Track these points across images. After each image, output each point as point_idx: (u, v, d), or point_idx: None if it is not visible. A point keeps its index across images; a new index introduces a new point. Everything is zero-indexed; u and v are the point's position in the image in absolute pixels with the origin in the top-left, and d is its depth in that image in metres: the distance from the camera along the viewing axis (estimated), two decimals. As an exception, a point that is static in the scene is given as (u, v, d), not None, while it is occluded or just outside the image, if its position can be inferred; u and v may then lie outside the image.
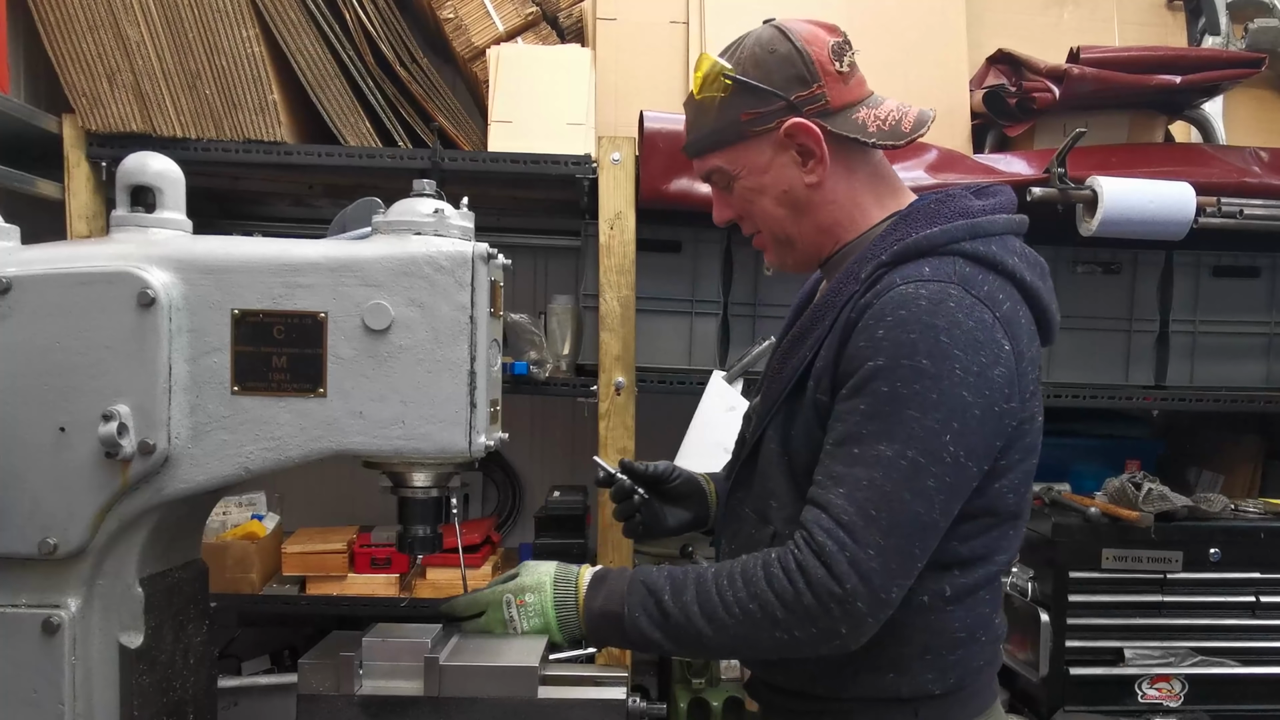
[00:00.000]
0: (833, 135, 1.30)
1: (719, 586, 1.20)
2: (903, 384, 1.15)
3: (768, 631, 1.17)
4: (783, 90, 1.28)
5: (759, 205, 1.35)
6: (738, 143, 1.32)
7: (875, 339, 1.18)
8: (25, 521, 1.22)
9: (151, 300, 1.21)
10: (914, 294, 1.18)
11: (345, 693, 1.44)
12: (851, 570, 1.13)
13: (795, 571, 1.16)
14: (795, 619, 1.16)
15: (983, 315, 1.18)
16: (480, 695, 1.45)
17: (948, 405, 1.15)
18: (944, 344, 1.15)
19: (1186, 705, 2.18)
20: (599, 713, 1.45)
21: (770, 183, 1.33)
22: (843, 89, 1.32)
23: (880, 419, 1.16)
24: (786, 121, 1.29)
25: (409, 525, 1.40)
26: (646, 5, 2.49)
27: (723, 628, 1.19)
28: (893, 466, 1.14)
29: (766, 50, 1.30)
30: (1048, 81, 2.30)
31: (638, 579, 1.27)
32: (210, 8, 2.17)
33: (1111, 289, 2.52)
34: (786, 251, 1.39)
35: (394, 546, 2.01)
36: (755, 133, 1.30)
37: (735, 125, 1.31)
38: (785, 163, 1.31)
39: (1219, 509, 2.26)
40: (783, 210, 1.34)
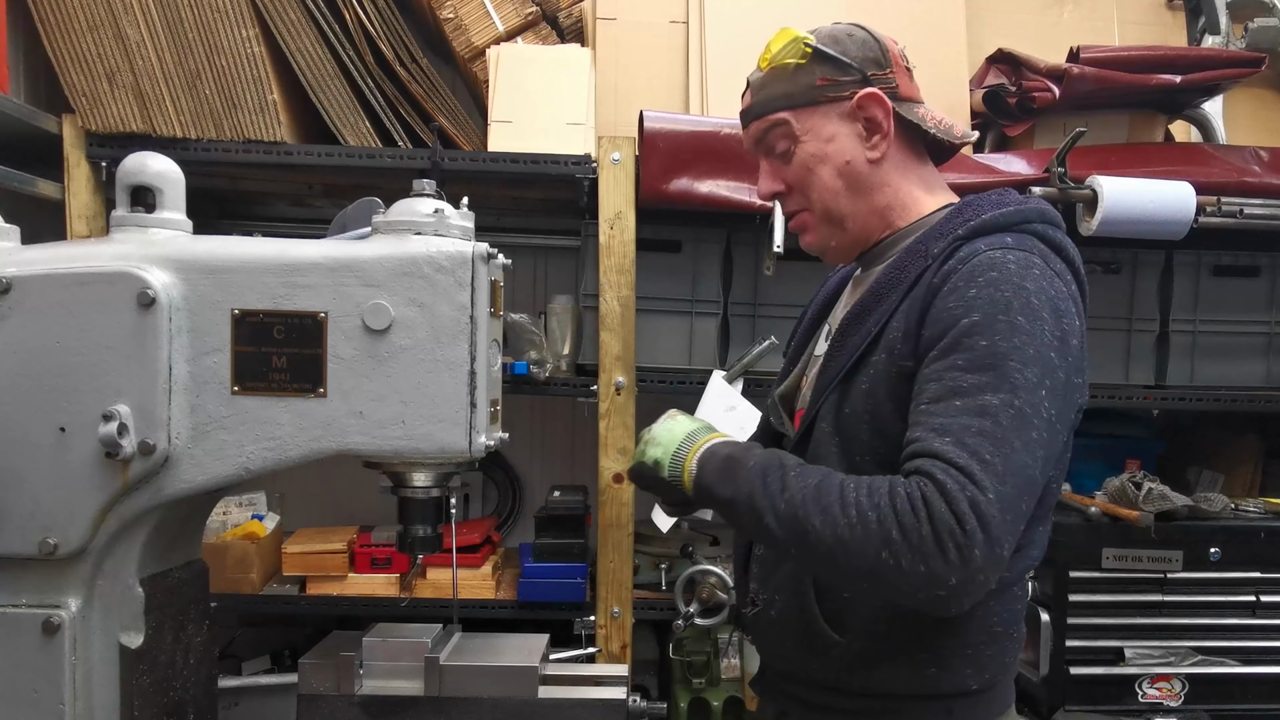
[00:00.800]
0: (899, 117, 1.33)
1: (844, 485, 1.14)
2: (1002, 338, 1.13)
3: (874, 548, 1.09)
4: (860, 66, 1.33)
5: (818, 175, 1.34)
6: (809, 106, 1.33)
7: (968, 298, 1.16)
8: (26, 521, 1.23)
9: (152, 300, 1.21)
10: (1002, 258, 1.18)
11: (345, 692, 1.44)
12: (972, 511, 1.06)
13: (919, 500, 1.08)
14: (907, 547, 1.07)
15: (1062, 287, 1.20)
16: (480, 695, 1.45)
17: (1042, 363, 1.14)
18: (1035, 305, 1.15)
19: (1187, 705, 2.18)
20: (599, 712, 1.45)
21: (834, 151, 1.33)
22: (909, 84, 1.37)
23: (982, 371, 1.13)
24: (860, 92, 1.31)
25: (409, 525, 1.40)
26: (646, 5, 2.49)
27: (833, 523, 1.11)
28: (1001, 414, 1.10)
29: (845, 33, 1.36)
30: (1048, 81, 2.30)
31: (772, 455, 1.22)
32: (210, 8, 2.17)
33: (1111, 288, 2.52)
34: (833, 231, 1.38)
35: (394, 546, 2.01)
36: (828, 98, 1.32)
37: (810, 89, 1.33)
38: (850, 134, 1.33)
39: (1219, 508, 2.26)
40: (841, 183, 1.34)
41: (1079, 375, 1.21)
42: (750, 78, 1.41)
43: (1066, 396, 1.17)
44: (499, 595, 2.37)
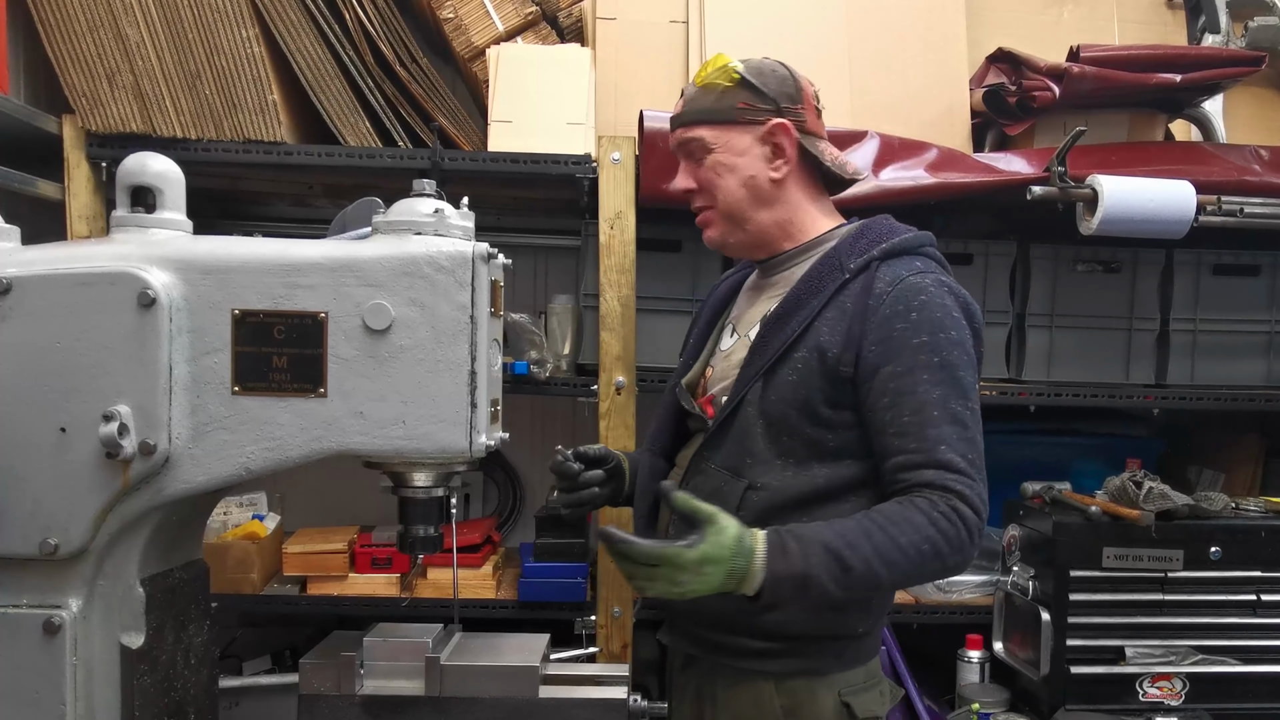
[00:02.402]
0: (801, 147, 1.56)
1: (890, 535, 1.34)
2: (948, 352, 1.41)
3: (933, 565, 1.37)
4: (775, 98, 1.55)
5: (725, 181, 1.56)
6: (727, 123, 1.55)
7: (911, 320, 1.43)
8: (26, 522, 1.23)
9: (152, 300, 1.21)
10: (922, 282, 1.45)
11: (346, 692, 1.44)
12: (980, 502, 1.38)
13: (954, 514, 1.36)
14: (954, 551, 1.36)
15: (964, 295, 1.50)
16: (481, 695, 1.45)
17: (971, 364, 1.45)
18: (955, 316, 1.45)
19: (1188, 704, 2.18)
20: (600, 712, 1.45)
21: (743, 165, 1.55)
22: (816, 121, 1.59)
23: (944, 385, 1.41)
24: (772, 121, 1.54)
25: (410, 525, 1.40)
26: (646, 5, 2.49)
27: (897, 568, 1.35)
28: (966, 419, 1.41)
29: (770, 68, 1.58)
30: (1048, 80, 2.30)
31: (817, 540, 1.34)
32: (210, 8, 2.16)
33: (1112, 287, 2.52)
34: (733, 230, 1.59)
35: (395, 546, 2.00)
36: (745, 120, 1.54)
37: (731, 109, 1.54)
38: (758, 155, 1.55)
39: (1220, 507, 2.26)
40: (744, 192, 1.56)
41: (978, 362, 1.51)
42: (685, 90, 1.61)
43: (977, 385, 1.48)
44: (500, 595, 2.37)
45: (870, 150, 2.25)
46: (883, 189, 2.20)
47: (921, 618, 2.41)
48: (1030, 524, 2.30)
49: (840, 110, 2.41)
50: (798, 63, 2.34)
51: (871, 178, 2.21)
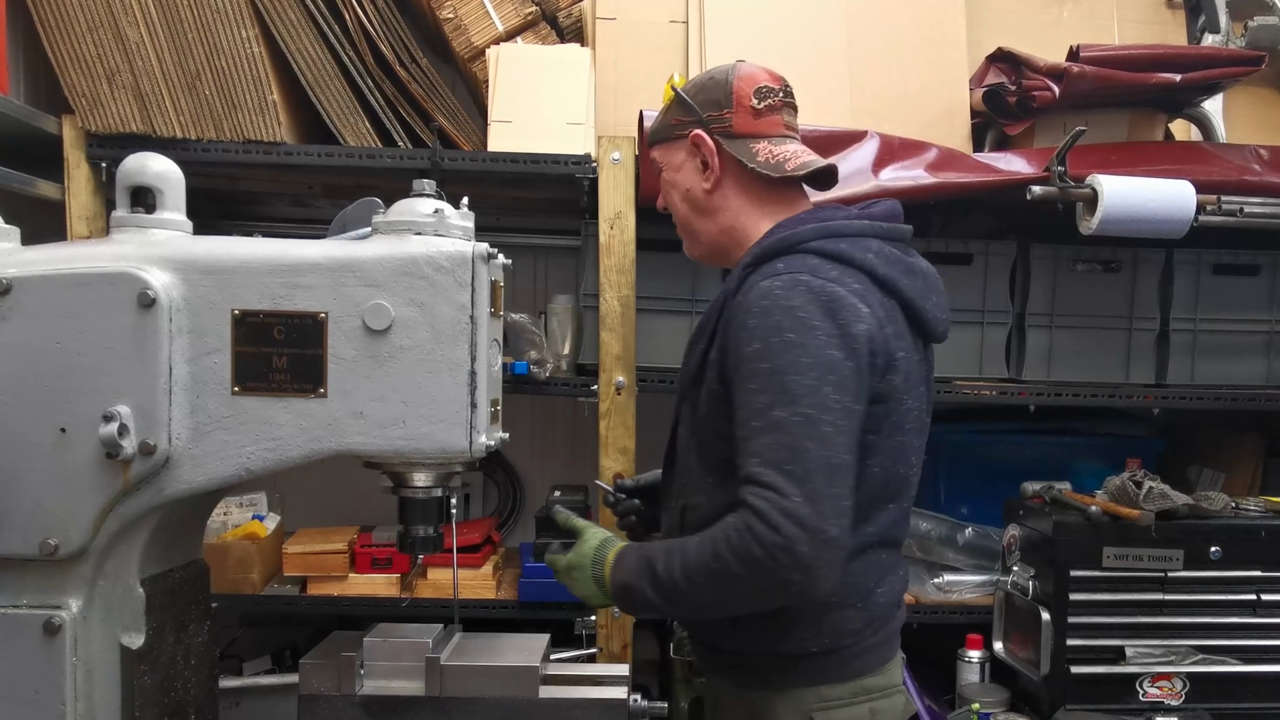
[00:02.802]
0: (725, 152, 1.53)
1: (693, 551, 1.36)
2: (778, 357, 1.33)
3: (736, 586, 1.32)
4: (699, 109, 1.54)
5: (671, 197, 1.61)
6: (666, 142, 1.59)
7: (749, 328, 1.37)
8: (26, 522, 1.23)
9: (152, 301, 1.21)
10: (770, 286, 1.38)
11: (346, 692, 1.44)
12: (785, 518, 1.27)
13: (745, 530, 1.29)
14: (752, 572, 1.29)
15: (833, 289, 1.37)
16: (481, 695, 1.45)
17: (821, 364, 1.33)
18: (803, 316, 1.34)
19: (1188, 703, 2.18)
20: (600, 712, 1.45)
21: (680, 180, 1.58)
22: (751, 121, 1.53)
23: (769, 391, 1.33)
24: (692, 132, 1.54)
25: (410, 525, 1.40)
26: (646, 5, 2.49)
27: (697, 585, 1.35)
28: (789, 424, 1.30)
29: (708, 77, 1.58)
30: (1047, 80, 2.30)
31: (642, 553, 1.43)
32: (210, 8, 2.16)
33: (1112, 287, 2.52)
34: (692, 243, 1.63)
35: (395, 546, 2.01)
36: (677, 136, 1.57)
37: (667, 127, 1.59)
38: (692, 167, 1.56)
39: (1220, 507, 2.26)
40: (686, 206, 1.59)
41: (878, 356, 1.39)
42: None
43: (861, 377, 1.36)
44: (500, 595, 2.37)
45: (870, 150, 2.24)
46: (882, 188, 2.20)
47: (921, 617, 2.41)
48: (1030, 524, 2.30)
49: (840, 110, 2.41)
50: (797, 63, 2.35)
51: (871, 177, 2.21)
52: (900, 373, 1.43)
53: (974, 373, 2.50)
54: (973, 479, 2.64)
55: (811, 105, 2.10)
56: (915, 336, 1.49)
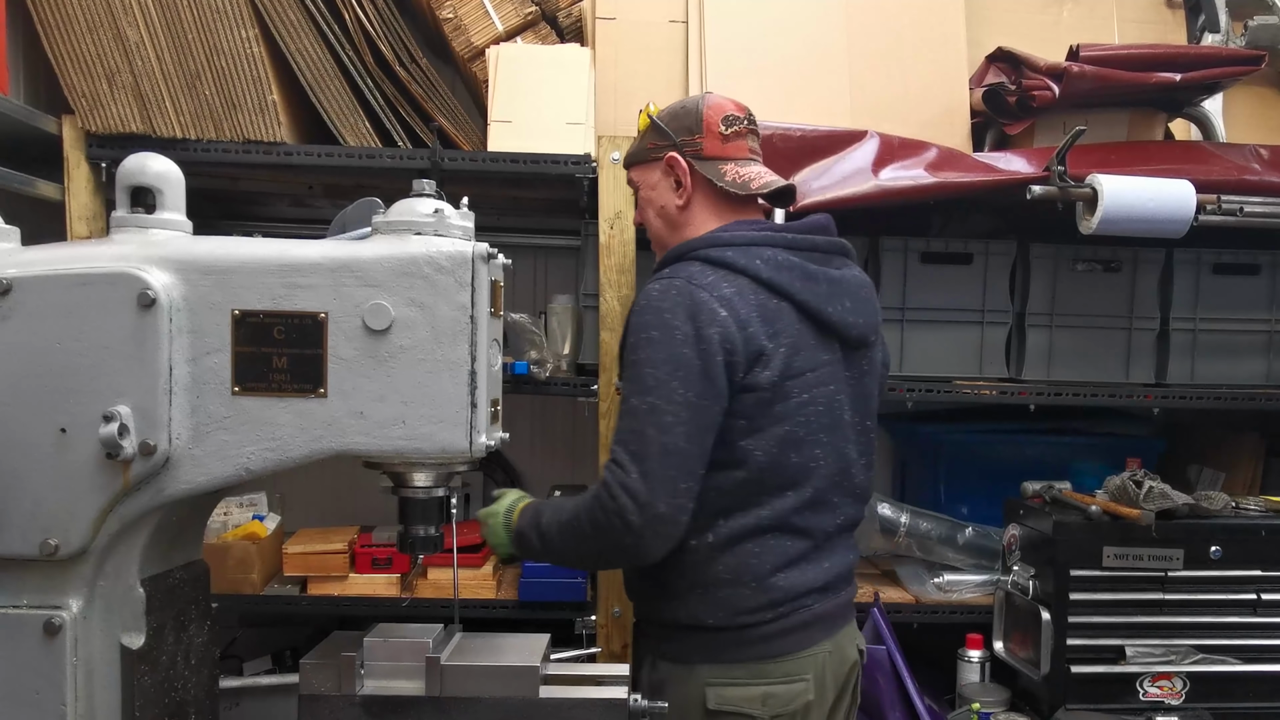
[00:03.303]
0: (697, 173, 1.70)
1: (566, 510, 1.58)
2: (641, 352, 1.53)
3: (588, 544, 1.56)
4: (674, 133, 1.72)
5: (647, 214, 1.78)
6: (642, 164, 1.77)
7: (631, 326, 1.59)
8: (26, 523, 1.22)
9: (152, 301, 1.21)
10: (650, 289, 1.59)
11: (347, 693, 1.44)
12: (621, 490, 1.49)
13: (594, 497, 1.53)
14: (596, 533, 1.53)
15: (699, 295, 1.54)
16: (482, 695, 1.45)
17: (673, 360, 1.51)
18: (667, 318, 1.53)
19: (1188, 703, 2.18)
20: (601, 712, 1.45)
21: (656, 198, 1.75)
22: (719, 145, 1.71)
23: (629, 381, 1.56)
24: (668, 154, 1.71)
25: (410, 525, 1.40)
26: (646, 5, 2.49)
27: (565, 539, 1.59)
28: (639, 411, 1.52)
29: (680, 105, 1.76)
30: (1047, 79, 2.30)
31: (538, 507, 1.66)
32: (210, 8, 2.16)
33: (1112, 287, 2.52)
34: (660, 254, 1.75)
35: (395, 546, 2.00)
36: (653, 158, 1.74)
37: (645, 150, 1.76)
38: (666, 186, 1.73)
39: (1220, 507, 2.26)
40: (660, 221, 1.76)
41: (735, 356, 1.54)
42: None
43: (710, 374, 1.52)
44: (500, 595, 2.37)
45: (870, 150, 2.25)
46: (882, 188, 2.20)
47: (921, 617, 2.41)
48: (1030, 523, 2.30)
49: (840, 110, 2.41)
50: (798, 63, 2.35)
51: (871, 177, 2.21)
52: (775, 368, 1.57)
53: (974, 373, 2.50)
54: (973, 479, 2.64)
55: (811, 105, 2.10)
56: (823, 337, 1.64)
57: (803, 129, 2.25)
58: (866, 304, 1.72)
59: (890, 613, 2.32)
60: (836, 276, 1.68)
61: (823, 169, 2.23)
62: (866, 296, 1.73)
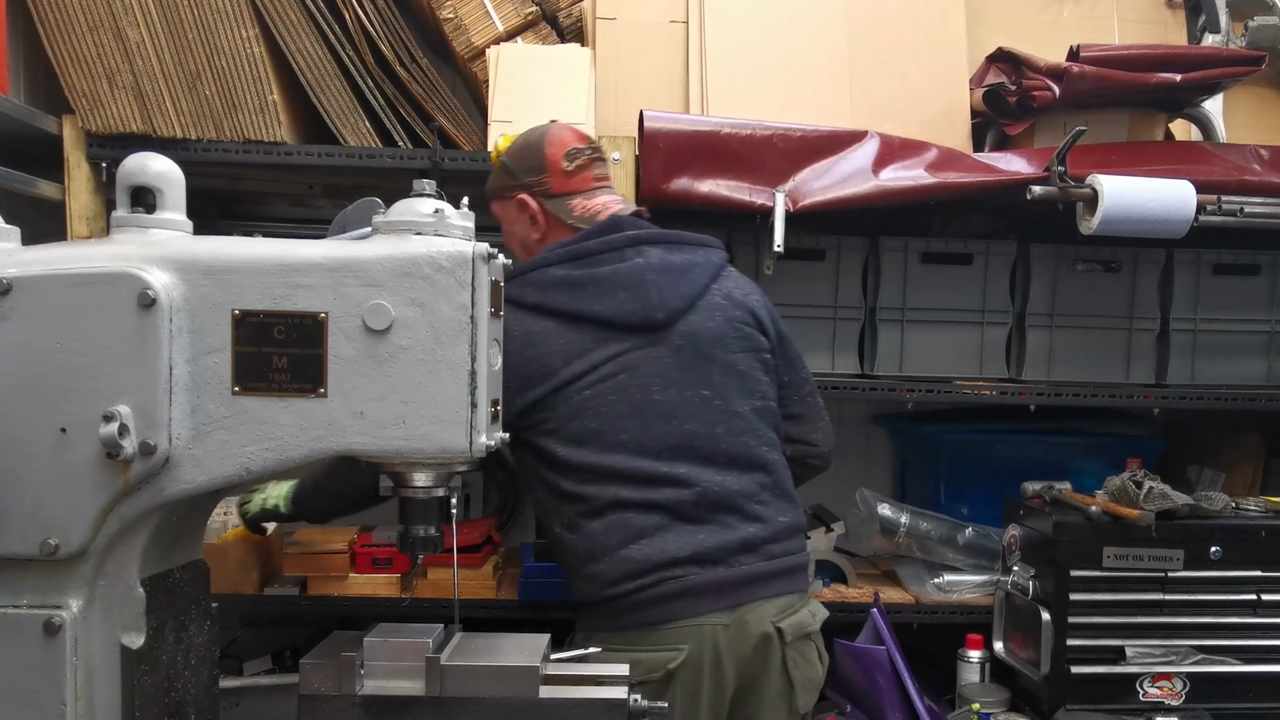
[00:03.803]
0: (548, 210, 1.84)
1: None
2: None
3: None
4: (520, 175, 1.85)
5: (511, 245, 1.90)
6: (499, 199, 1.90)
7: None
8: (26, 522, 1.22)
9: (152, 301, 1.21)
10: None
11: (347, 693, 1.44)
12: None
13: None
14: None
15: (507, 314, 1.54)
16: (482, 695, 1.45)
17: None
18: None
19: (1188, 703, 2.18)
20: (601, 712, 1.45)
21: (516, 231, 1.89)
22: (565, 181, 1.84)
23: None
24: (517, 196, 1.85)
25: (410, 525, 1.40)
26: (646, 5, 2.49)
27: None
28: None
29: (525, 142, 1.87)
30: (1048, 80, 2.30)
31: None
32: (210, 8, 2.17)
33: (1112, 287, 2.52)
34: None
35: (395, 547, 2.00)
36: (506, 197, 1.87)
37: (497, 188, 1.90)
38: (522, 219, 1.86)
39: (1220, 507, 2.26)
40: (524, 252, 1.87)
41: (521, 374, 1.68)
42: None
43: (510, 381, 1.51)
44: (500, 595, 2.37)
45: (870, 150, 2.25)
46: (883, 189, 2.20)
47: (921, 617, 2.41)
48: (1030, 523, 2.30)
49: (840, 110, 2.41)
50: (798, 63, 2.35)
51: (871, 177, 2.21)
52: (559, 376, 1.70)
53: (974, 373, 2.50)
54: (973, 479, 2.64)
55: (811, 105, 2.11)
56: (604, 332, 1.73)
57: (803, 129, 2.25)
58: (654, 285, 1.76)
59: (890, 613, 2.32)
60: (605, 274, 1.75)
61: (823, 169, 2.23)
62: (660, 279, 1.76)
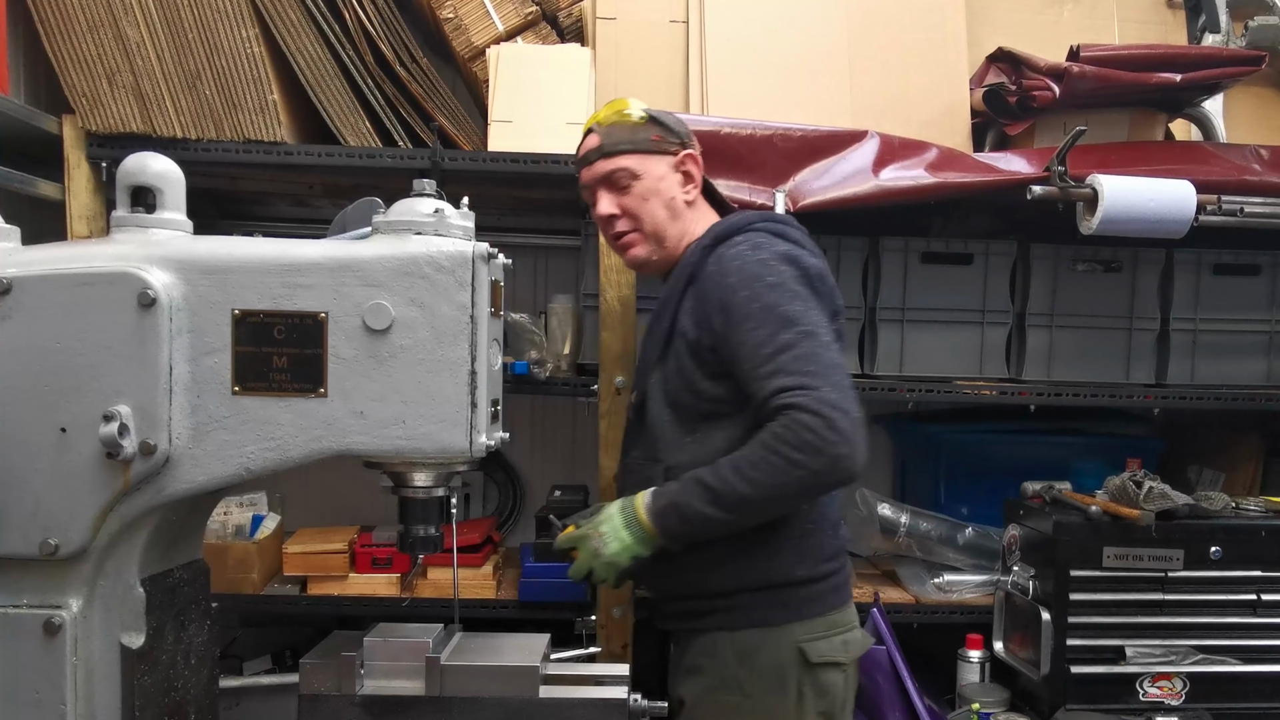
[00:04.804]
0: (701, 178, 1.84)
1: (744, 455, 1.55)
2: (765, 296, 1.60)
3: (790, 473, 1.51)
4: (681, 135, 1.83)
5: (650, 203, 1.78)
6: (642, 153, 1.79)
7: (729, 285, 1.64)
8: (27, 522, 1.23)
9: (152, 301, 1.21)
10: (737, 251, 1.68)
11: (347, 692, 1.44)
12: (820, 403, 1.51)
13: (792, 423, 1.51)
14: (805, 454, 1.50)
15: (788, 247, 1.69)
16: (482, 695, 1.45)
17: (799, 295, 1.62)
18: (773, 264, 1.64)
19: (1188, 703, 2.18)
20: (601, 712, 1.45)
21: (664, 189, 1.79)
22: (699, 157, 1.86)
23: (769, 323, 1.58)
24: (683, 152, 1.81)
25: (410, 525, 1.40)
26: (646, 5, 2.49)
27: (756, 482, 1.53)
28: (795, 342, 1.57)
29: (665, 113, 1.85)
30: (1048, 80, 2.30)
31: (689, 475, 1.60)
32: (210, 8, 2.16)
33: (1112, 287, 2.52)
34: (656, 248, 1.81)
35: (395, 546, 2.01)
36: (660, 150, 1.79)
37: (648, 141, 1.79)
38: (674, 180, 1.80)
39: (1220, 507, 2.26)
40: (665, 213, 1.79)
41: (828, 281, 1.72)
42: (593, 128, 1.82)
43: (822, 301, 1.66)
44: (500, 595, 2.37)
45: (870, 150, 2.25)
46: (883, 189, 2.20)
47: (921, 617, 2.41)
48: (1030, 523, 2.30)
49: (840, 110, 2.41)
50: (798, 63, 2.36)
51: (871, 177, 2.21)
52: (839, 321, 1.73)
53: (974, 373, 2.50)
54: (973, 479, 2.64)
55: (811, 105, 2.11)
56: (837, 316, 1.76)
57: (803, 129, 2.25)
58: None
59: (890, 613, 2.32)
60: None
61: (823, 169, 2.23)
62: None
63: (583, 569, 1.64)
